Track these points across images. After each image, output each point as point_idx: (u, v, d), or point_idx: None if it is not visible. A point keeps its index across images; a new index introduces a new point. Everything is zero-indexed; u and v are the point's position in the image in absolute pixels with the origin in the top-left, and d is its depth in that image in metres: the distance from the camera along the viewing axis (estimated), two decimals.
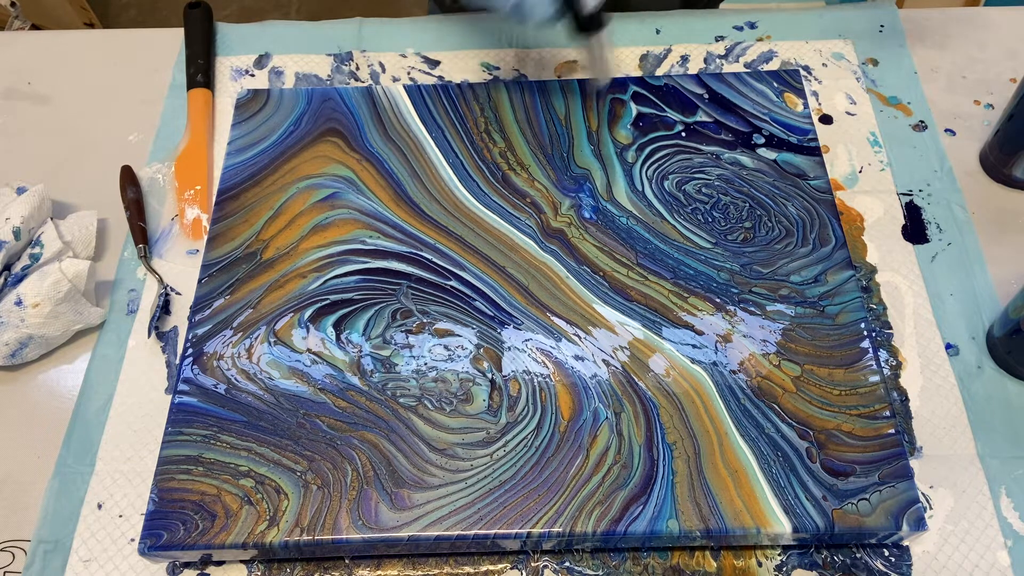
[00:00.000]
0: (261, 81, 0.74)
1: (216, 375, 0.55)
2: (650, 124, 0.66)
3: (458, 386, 0.54)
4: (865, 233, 0.63)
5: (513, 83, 0.70)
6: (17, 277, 0.59)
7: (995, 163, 0.65)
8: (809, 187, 0.62)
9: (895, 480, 0.50)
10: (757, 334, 0.56)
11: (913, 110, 0.70)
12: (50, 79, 0.76)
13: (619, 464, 0.51)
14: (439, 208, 0.62)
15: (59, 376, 0.59)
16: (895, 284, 0.61)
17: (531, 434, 0.52)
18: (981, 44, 0.74)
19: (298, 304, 0.58)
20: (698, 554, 0.51)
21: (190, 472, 0.52)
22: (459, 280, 0.59)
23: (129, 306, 0.62)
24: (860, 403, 0.53)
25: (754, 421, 0.52)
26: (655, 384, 0.54)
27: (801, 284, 0.58)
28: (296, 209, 0.63)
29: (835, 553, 0.51)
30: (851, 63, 0.73)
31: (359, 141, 0.66)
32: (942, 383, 0.56)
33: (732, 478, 0.50)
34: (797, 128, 0.65)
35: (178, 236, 0.65)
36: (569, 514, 0.49)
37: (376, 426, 0.53)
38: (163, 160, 0.69)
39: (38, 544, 0.52)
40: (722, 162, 0.64)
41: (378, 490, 0.50)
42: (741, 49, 0.74)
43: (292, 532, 0.49)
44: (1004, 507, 0.52)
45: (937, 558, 0.50)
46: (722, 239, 0.60)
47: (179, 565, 0.52)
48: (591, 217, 0.61)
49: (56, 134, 0.72)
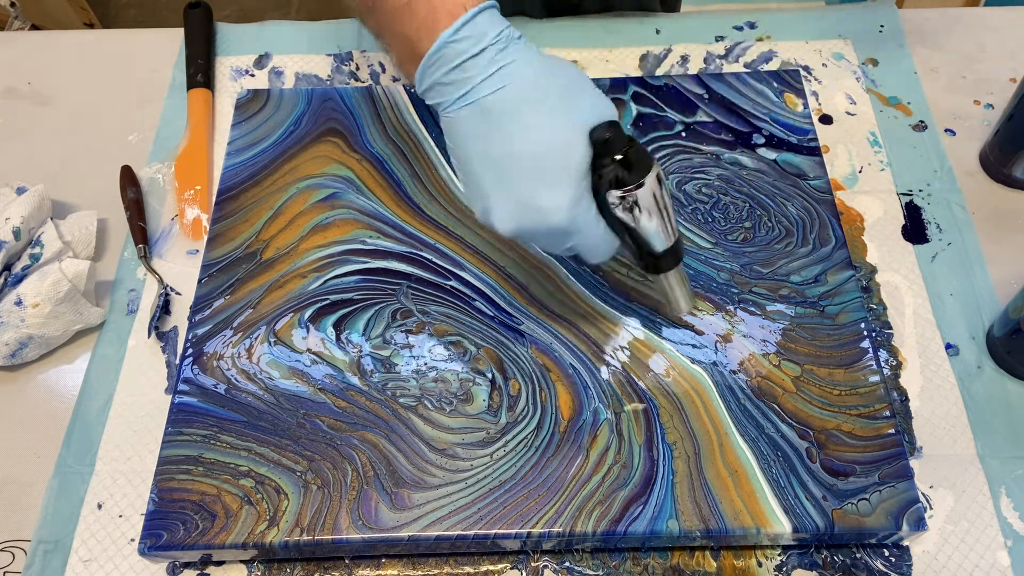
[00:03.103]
0: (261, 81, 0.74)
1: (216, 375, 0.55)
2: (650, 124, 0.66)
3: (458, 386, 0.54)
4: (865, 233, 0.63)
5: None
6: (17, 277, 0.59)
7: (995, 163, 0.65)
8: (809, 187, 0.62)
9: (895, 480, 0.50)
10: (757, 334, 0.56)
11: (913, 110, 0.70)
12: (50, 79, 0.76)
13: (619, 464, 0.51)
14: (439, 208, 0.62)
15: (59, 376, 0.59)
16: (895, 284, 0.61)
17: (531, 434, 0.52)
18: (981, 44, 0.74)
19: (298, 304, 0.58)
20: (698, 554, 0.51)
21: (190, 472, 0.52)
22: (459, 280, 0.59)
23: (129, 306, 0.62)
24: (860, 403, 0.53)
25: (754, 421, 0.52)
26: (655, 384, 0.54)
27: (801, 284, 0.58)
28: (296, 209, 0.63)
29: (835, 553, 0.51)
30: (851, 63, 0.73)
31: (359, 141, 0.66)
32: (942, 383, 0.56)
33: (732, 478, 0.50)
34: (797, 128, 0.65)
35: (178, 236, 0.65)
36: (569, 514, 0.49)
37: (376, 426, 0.53)
38: (163, 160, 0.69)
39: (38, 544, 0.52)
40: (722, 162, 0.64)
41: (378, 490, 0.50)
42: (741, 49, 0.74)
43: (292, 532, 0.49)
44: (1004, 507, 0.52)
45: (937, 558, 0.50)
46: (722, 239, 0.60)
47: (179, 565, 0.52)
48: None
49: (56, 134, 0.72)
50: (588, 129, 0.43)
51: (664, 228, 0.46)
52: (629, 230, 0.46)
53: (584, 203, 0.44)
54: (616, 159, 0.43)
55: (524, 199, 0.43)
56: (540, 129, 0.43)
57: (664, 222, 0.46)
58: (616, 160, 0.43)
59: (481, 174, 0.44)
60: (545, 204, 0.43)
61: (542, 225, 0.44)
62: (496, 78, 0.43)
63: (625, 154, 0.43)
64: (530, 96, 0.43)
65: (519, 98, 0.43)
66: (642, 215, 0.45)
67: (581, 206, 0.44)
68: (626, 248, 0.48)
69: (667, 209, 0.46)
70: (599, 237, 0.46)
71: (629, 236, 0.46)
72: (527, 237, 0.46)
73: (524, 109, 0.43)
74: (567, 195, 0.43)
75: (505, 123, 0.43)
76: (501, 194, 0.44)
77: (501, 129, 0.43)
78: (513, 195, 0.44)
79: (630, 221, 0.45)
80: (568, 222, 0.44)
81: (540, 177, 0.43)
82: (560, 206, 0.43)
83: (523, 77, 0.43)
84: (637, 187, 0.44)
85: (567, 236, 0.45)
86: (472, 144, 0.44)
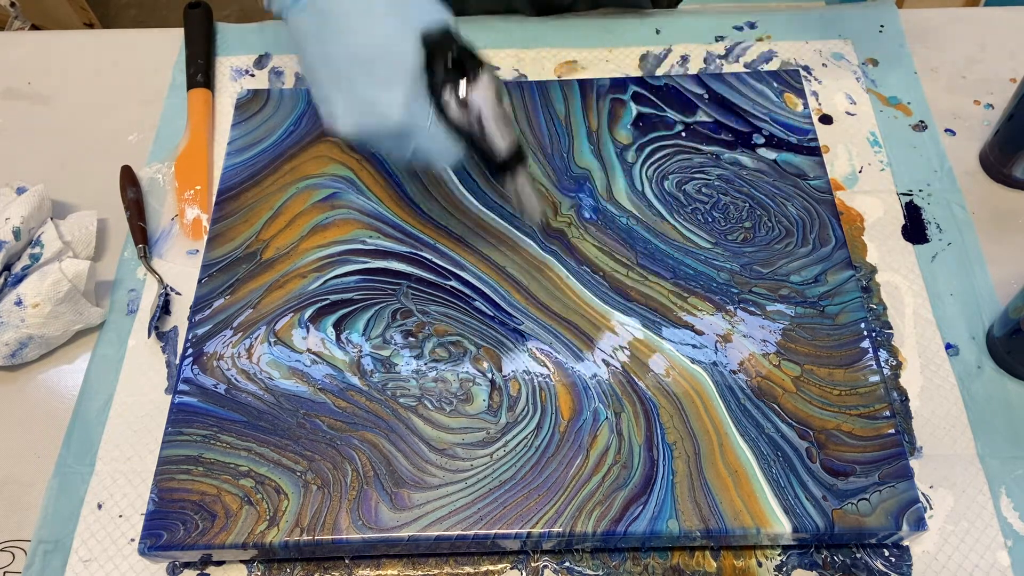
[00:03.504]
0: (261, 81, 0.74)
1: (216, 375, 0.55)
2: (650, 124, 0.66)
3: (458, 386, 0.54)
4: (865, 233, 0.63)
5: (513, 83, 0.70)
6: (17, 277, 0.59)
7: (995, 163, 0.65)
8: (809, 187, 0.62)
9: (895, 480, 0.50)
10: (757, 334, 0.56)
11: (913, 110, 0.70)
12: (50, 79, 0.76)
13: (619, 464, 0.51)
14: (439, 208, 0.62)
15: (59, 376, 0.59)
16: (895, 284, 0.61)
17: (531, 434, 0.52)
18: (981, 44, 0.74)
19: (298, 304, 0.58)
20: (698, 554, 0.51)
21: (190, 472, 0.52)
22: (459, 280, 0.59)
23: (129, 306, 0.62)
24: (860, 403, 0.53)
25: (754, 421, 0.52)
26: (655, 384, 0.54)
27: (801, 284, 0.58)
28: (296, 209, 0.63)
29: (835, 553, 0.51)
30: (851, 63, 0.73)
31: None
32: (942, 383, 0.56)
33: (732, 478, 0.50)
34: (797, 128, 0.65)
35: (178, 236, 0.65)
36: (569, 514, 0.49)
37: (376, 426, 0.53)
38: (163, 160, 0.69)
39: (38, 544, 0.52)
40: (722, 162, 0.64)
41: (378, 490, 0.50)
42: (741, 49, 0.74)
43: (292, 532, 0.49)
44: (1004, 507, 0.52)
45: (937, 558, 0.50)
46: (722, 239, 0.60)
47: (179, 565, 0.52)
48: (591, 217, 0.61)
49: (56, 134, 0.72)
50: (420, 32, 0.45)
51: (500, 130, 0.47)
52: (469, 134, 0.47)
53: (420, 102, 0.45)
54: (447, 60, 0.45)
55: (361, 99, 0.45)
56: (371, 30, 0.45)
57: (498, 125, 0.47)
58: (447, 61, 0.45)
59: (322, 77, 0.46)
60: (381, 103, 0.44)
61: (380, 124, 0.45)
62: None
63: (458, 55, 0.45)
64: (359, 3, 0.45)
65: (347, 3, 0.45)
66: (475, 116, 0.46)
67: (417, 105, 0.45)
68: (473, 153, 0.49)
69: (503, 112, 0.47)
70: (440, 140, 0.47)
71: (470, 140, 0.48)
72: (369, 139, 0.47)
73: (355, 11, 0.45)
74: (401, 93, 0.44)
75: (339, 25, 0.45)
76: (340, 95, 0.45)
77: (336, 31, 0.45)
78: (351, 96, 0.45)
79: (464, 124, 0.46)
80: (404, 120, 0.45)
81: (374, 77, 0.45)
82: (395, 104, 0.44)
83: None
84: (469, 87, 0.45)
85: (407, 137, 0.46)
86: (312, 47, 0.46)
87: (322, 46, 0.46)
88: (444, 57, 0.45)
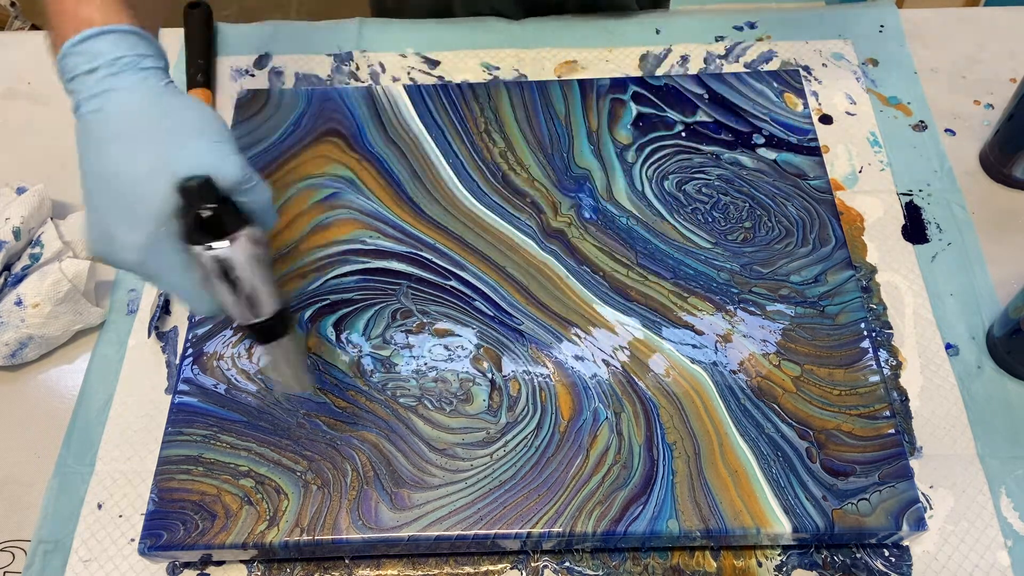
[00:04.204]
0: (261, 81, 0.74)
1: (216, 375, 0.55)
2: (650, 124, 0.66)
3: (458, 386, 0.54)
4: (865, 233, 0.63)
5: (513, 83, 0.70)
6: (17, 277, 0.59)
7: (995, 163, 0.65)
8: (809, 187, 0.62)
9: (895, 480, 0.50)
10: (757, 334, 0.56)
11: (913, 110, 0.70)
12: (50, 79, 0.75)
13: (619, 464, 0.51)
14: (439, 208, 0.62)
15: (59, 376, 0.59)
16: (895, 284, 0.61)
17: (531, 434, 0.52)
18: (981, 44, 0.74)
19: (298, 304, 0.58)
20: (698, 554, 0.51)
21: (190, 472, 0.52)
22: (459, 280, 0.59)
23: (129, 306, 0.62)
24: (860, 403, 0.53)
25: (754, 421, 0.52)
26: (655, 384, 0.54)
27: (801, 284, 0.58)
28: (296, 209, 0.63)
29: (835, 553, 0.51)
30: (851, 63, 0.73)
31: (359, 141, 0.66)
32: (942, 383, 0.56)
33: (732, 478, 0.50)
34: (797, 128, 0.65)
35: None
36: (569, 514, 0.49)
37: (376, 426, 0.53)
38: None
39: (38, 544, 0.52)
40: (722, 162, 0.64)
41: (378, 490, 0.50)
42: (741, 49, 0.74)
43: (292, 532, 0.49)
44: (1004, 507, 0.52)
45: (937, 558, 0.50)
46: (722, 239, 0.60)
47: (179, 565, 0.52)
48: (591, 217, 0.61)
49: (56, 134, 0.72)
50: (177, 177, 0.42)
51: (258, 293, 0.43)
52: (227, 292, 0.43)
53: (164, 250, 0.43)
54: (198, 214, 0.42)
55: (104, 226, 0.43)
56: (122, 164, 0.43)
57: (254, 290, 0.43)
58: (196, 215, 0.42)
59: (84, 187, 0.44)
60: (118, 239, 0.43)
61: (115, 258, 0.43)
62: (98, 99, 0.43)
63: (212, 211, 0.42)
64: (123, 129, 0.43)
65: (112, 127, 0.43)
66: (232, 277, 0.43)
67: (160, 252, 0.43)
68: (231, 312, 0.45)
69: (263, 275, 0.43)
70: (189, 290, 0.44)
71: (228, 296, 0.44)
72: (111, 265, 0.45)
73: (114, 139, 0.43)
74: (141, 235, 0.42)
75: (99, 147, 0.43)
76: (91, 214, 0.44)
77: (95, 150, 0.43)
78: (97, 219, 0.44)
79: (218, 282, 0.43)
80: (140, 263, 0.43)
81: (117, 211, 0.43)
82: (132, 245, 0.42)
83: (123, 107, 0.43)
84: (226, 246, 0.42)
85: (150, 278, 0.44)
86: (80, 155, 0.44)
87: (85, 161, 0.44)
88: (193, 210, 0.42)
